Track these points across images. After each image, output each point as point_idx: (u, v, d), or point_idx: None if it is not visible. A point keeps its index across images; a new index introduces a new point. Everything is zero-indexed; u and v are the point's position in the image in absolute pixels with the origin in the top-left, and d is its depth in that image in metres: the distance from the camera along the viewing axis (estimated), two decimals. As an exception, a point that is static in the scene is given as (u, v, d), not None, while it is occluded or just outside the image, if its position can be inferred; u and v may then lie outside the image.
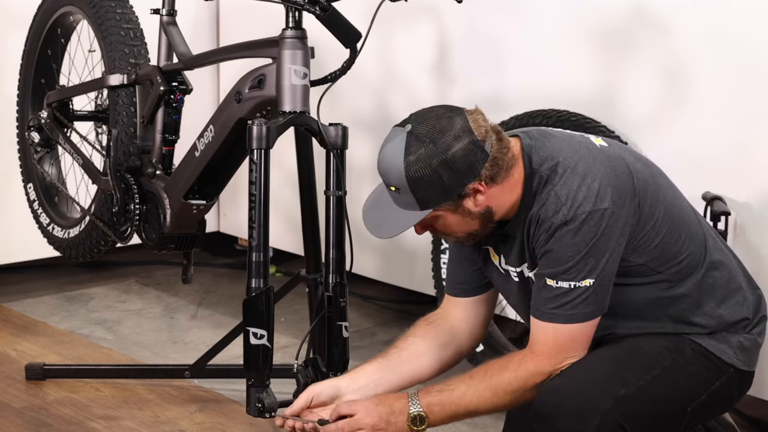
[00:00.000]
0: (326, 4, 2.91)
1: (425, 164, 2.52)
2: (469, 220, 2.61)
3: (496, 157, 2.56)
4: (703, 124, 3.44)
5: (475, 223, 2.62)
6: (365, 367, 2.78)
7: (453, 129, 2.53)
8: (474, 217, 2.60)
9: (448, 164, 2.52)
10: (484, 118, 2.59)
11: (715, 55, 3.39)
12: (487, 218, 2.62)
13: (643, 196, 2.59)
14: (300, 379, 2.87)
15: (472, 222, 2.61)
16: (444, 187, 2.54)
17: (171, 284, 4.75)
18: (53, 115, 3.73)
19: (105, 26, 3.56)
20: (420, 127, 2.54)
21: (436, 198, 2.55)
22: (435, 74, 4.05)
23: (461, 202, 2.57)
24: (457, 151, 2.52)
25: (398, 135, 2.56)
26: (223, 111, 3.14)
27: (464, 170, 2.53)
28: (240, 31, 4.32)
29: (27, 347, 4.02)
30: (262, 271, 2.89)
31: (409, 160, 2.52)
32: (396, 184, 2.56)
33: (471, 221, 2.61)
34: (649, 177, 2.65)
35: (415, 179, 2.53)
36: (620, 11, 3.58)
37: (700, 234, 2.68)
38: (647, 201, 2.60)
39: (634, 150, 2.74)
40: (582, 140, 2.65)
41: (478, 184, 2.55)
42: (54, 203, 3.92)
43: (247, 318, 2.88)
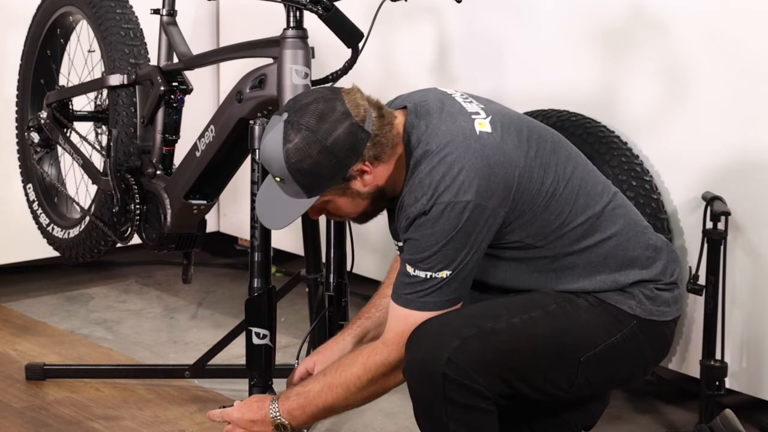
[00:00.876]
0: (329, 4, 2.91)
1: (305, 153, 2.51)
2: (360, 201, 2.61)
3: (377, 135, 2.55)
4: (703, 124, 3.44)
5: (365, 203, 2.61)
6: (353, 331, 2.83)
7: (330, 113, 2.52)
8: (364, 197, 2.60)
9: (328, 150, 2.51)
10: (362, 95, 2.57)
11: (716, 55, 3.39)
12: (378, 197, 2.61)
13: (519, 185, 2.55)
14: (300, 379, 2.87)
15: (362, 202, 2.61)
16: (327, 173, 2.53)
17: (171, 284, 4.75)
18: (53, 116, 3.73)
19: (105, 26, 3.56)
20: (296, 115, 2.53)
21: (321, 184, 2.55)
22: (435, 74, 4.05)
23: (348, 185, 2.57)
24: (336, 135, 2.51)
25: (276, 124, 2.55)
26: (224, 111, 3.15)
27: (346, 153, 2.52)
28: (240, 31, 4.32)
29: (27, 347, 4.02)
30: (264, 271, 2.89)
31: (288, 150, 2.51)
32: (279, 175, 2.56)
33: (361, 201, 2.61)
34: (537, 158, 2.59)
35: (296, 169, 2.52)
36: (620, 12, 3.58)
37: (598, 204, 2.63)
38: (528, 188, 2.56)
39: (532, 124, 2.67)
40: (463, 125, 2.58)
41: (362, 165, 2.55)
42: (54, 203, 3.92)
43: (249, 318, 2.89)
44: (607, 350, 2.61)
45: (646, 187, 3.46)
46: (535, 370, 2.58)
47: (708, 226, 3.30)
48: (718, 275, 3.29)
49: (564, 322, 2.59)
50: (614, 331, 2.61)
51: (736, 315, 3.40)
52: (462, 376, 2.50)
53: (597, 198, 2.65)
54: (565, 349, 2.59)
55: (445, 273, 2.53)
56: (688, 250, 3.48)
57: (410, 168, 2.56)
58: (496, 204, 2.53)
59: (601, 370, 2.63)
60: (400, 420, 3.50)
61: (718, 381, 3.30)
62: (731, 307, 3.39)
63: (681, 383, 3.67)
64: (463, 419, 2.52)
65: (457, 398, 2.51)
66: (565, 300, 2.61)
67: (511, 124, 2.64)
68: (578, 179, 2.64)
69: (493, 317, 2.56)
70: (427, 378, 2.51)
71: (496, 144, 2.56)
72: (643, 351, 2.66)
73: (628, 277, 2.64)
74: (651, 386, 3.69)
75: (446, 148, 2.53)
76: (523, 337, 2.56)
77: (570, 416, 2.80)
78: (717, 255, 3.29)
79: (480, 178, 2.51)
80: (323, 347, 2.86)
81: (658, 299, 2.66)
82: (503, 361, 2.54)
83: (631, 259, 2.64)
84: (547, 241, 2.61)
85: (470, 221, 2.50)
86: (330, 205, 2.63)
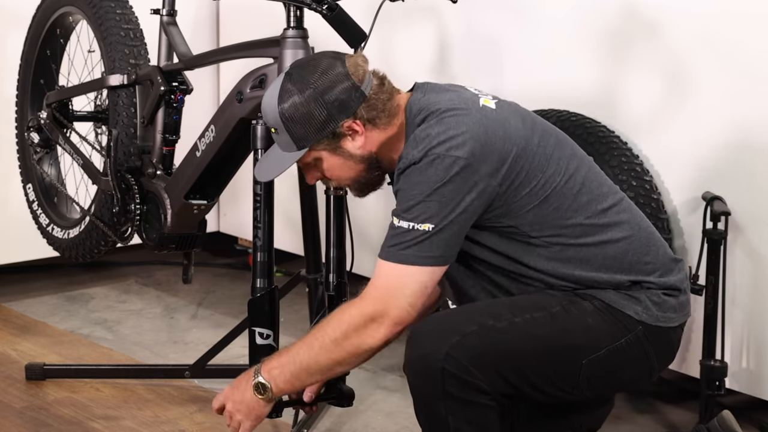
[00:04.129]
0: (333, 4, 2.91)
1: (297, 102, 2.57)
2: (352, 164, 2.62)
3: (373, 98, 2.58)
4: (703, 124, 3.44)
5: (359, 168, 2.63)
6: None
7: (328, 69, 2.58)
8: (357, 160, 2.61)
9: (319, 101, 2.56)
10: (364, 59, 2.62)
11: (715, 55, 3.39)
12: (372, 163, 2.63)
13: (515, 162, 2.54)
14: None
15: (355, 166, 2.62)
16: (317, 124, 2.57)
17: (171, 284, 4.75)
18: (53, 116, 3.73)
19: (105, 26, 3.56)
20: (296, 69, 2.61)
21: (310, 135, 2.58)
22: (435, 74, 4.05)
23: (339, 142, 2.60)
24: (330, 88, 2.56)
25: (279, 78, 2.63)
26: (225, 111, 3.15)
27: (337, 107, 2.56)
28: (240, 31, 4.32)
29: (27, 347, 4.02)
30: (267, 270, 2.89)
31: (282, 99, 2.58)
32: (273, 124, 2.62)
33: (354, 164, 2.62)
34: (540, 146, 2.59)
35: (288, 117, 2.58)
36: (620, 12, 3.58)
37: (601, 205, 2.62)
38: (524, 168, 2.55)
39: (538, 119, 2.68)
40: (469, 97, 2.62)
41: (353, 122, 2.58)
42: (53, 204, 3.92)
43: (252, 318, 2.89)
44: (610, 354, 2.60)
45: (646, 187, 3.46)
46: (536, 369, 2.58)
47: (708, 226, 3.30)
48: (718, 275, 3.30)
49: (567, 324, 2.58)
50: (619, 335, 2.60)
51: (736, 315, 3.40)
52: (461, 371, 2.49)
53: (601, 199, 2.64)
54: (567, 350, 2.59)
55: (428, 226, 2.50)
56: (688, 250, 3.48)
57: (408, 135, 2.59)
58: (487, 171, 2.52)
59: (604, 373, 2.62)
60: (400, 420, 3.51)
61: (718, 381, 3.31)
62: (731, 307, 3.39)
63: (681, 383, 3.67)
64: (463, 414, 2.52)
65: (457, 393, 2.50)
66: (571, 303, 2.60)
67: (517, 112, 2.66)
68: (581, 177, 2.63)
69: (495, 315, 2.56)
70: (426, 373, 2.51)
71: (498, 119, 2.58)
72: (648, 356, 2.65)
73: (628, 278, 2.62)
74: (651, 386, 3.69)
75: (447, 111, 2.56)
76: (524, 335, 2.55)
77: (575, 418, 2.79)
78: (717, 255, 3.29)
79: (475, 141, 2.52)
80: None
81: (665, 305, 2.64)
82: (503, 358, 2.54)
83: (631, 263, 2.63)
84: (543, 233, 2.59)
85: (458, 177, 2.50)
86: (323, 165, 2.64)
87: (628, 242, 2.64)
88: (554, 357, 2.58)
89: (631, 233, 2.65)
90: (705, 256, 3.29)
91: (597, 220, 2.62)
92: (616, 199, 2.68)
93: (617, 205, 2.67)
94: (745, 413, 3.48)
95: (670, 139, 3.51)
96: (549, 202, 2.59)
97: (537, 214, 2.58)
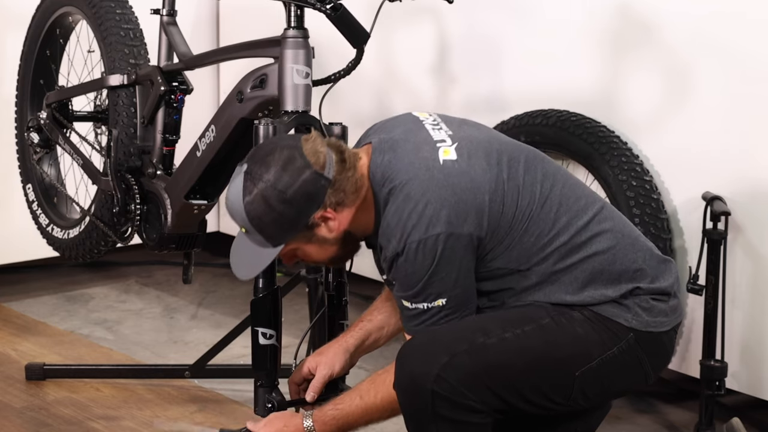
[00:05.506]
0: (337, 3, 2.90)
1: (264, 204, 2.53)
2: (328, 246, 2.62)
3: (338, 181, 2.55)
4: (703, 124, 3.44)
5: (334, 248, 2.63)
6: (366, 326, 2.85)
7: (289, 163, 2.52)
8: (331, 243, 2.61)
9: (286, 200, 2.52)
10: (321, 142, 2.57)
11: (715, 55, 3.40)
12: (347, 241, 2.63)
13: (491, 208, 2.53)
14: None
15: (331, 248, 2.63)
16: (289, 223, 2.54)
17: (171, 284, 4.75)
18: (52, 116, 3.73)
19: (104, 27, 3.56)
20: (255, 166, 2.55)
21: (284, 234, 2.57)
22: (435, 74, 4.05)
23: (313, 232, 2.58)
24: (295, 185, 2.52)
25: (238, 176, 2.57)
26: (225, 111, 3.14)
27: (306, 203, 2.53)
28: (240, 31, 4.32)
29: (27, 347, 4.02)
30: (268, 270, 2.89)
31: (248, 201, 2.54)
32: (243, 226, 2.59)
33: (330, 247, 2.62)
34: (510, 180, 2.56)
35: (257, 220, 2.54)
36: (620, 12, 3.58)
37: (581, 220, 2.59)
38: (502, 212, 2.54)
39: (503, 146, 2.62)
40: (426, 156, 2.56)
41: (323, 212, 2.55)
42: (53, 204, 3.92)
43: (255, 318, 2.88)
44: (603, 364, 2.58)
45: (646, 187, 3.46)
46: (529, 384, 2.56)
47: (708, 226, 3.30)
48: (718, 275, 3.29)
49: (558, 336, 2.56)
50: (611, 344, 2.58)
51: (736, 315, 3.40)
52: (451, 393, 2.49)
53: (580, 214, 2.61)
54: (559, 363, 2.57)
55: (441, 301, 2.53)
56: (688, 250, 3.48)
57: (379, 206, 2.57)
58: (471, 229, 2.51)
59: (598, 383, 2.61)
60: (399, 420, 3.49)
61: (718, 381, 3.31)
62: (731, 307, 3.39)
63: (681, 383, 3.67)
64: None
65: (447, 414, 2.50)
66: (560, 313, 2.58)
67: (479, 148, 2.60)
68: (557, 197, 2.60)
69: (484, 332, 2.54)
70: (416, 394, 2.50)
71: (462, 171, 2.54)
72: (641, 363, 2.63)
73: (617, 291, 2.60)
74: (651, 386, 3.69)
75: (409, 183, 2.52)
76: (515, 351, 2.54)
77: (570, 424, 2.78)
78: (717, 255, 3.29)
79: (448, 208, 2.50)
80: (325, 348, 2.86)
81: (654, 310, 2.62)
82: (495, 376, 2.52)
83: (619, 272, 2.60)
84: (531, 263, 2.58)
85: (447, 251, 2.50)
86: (299, 252, 2.64)
87: (613, 252, 2.60)
88: (547, 371, 2.56)
89: (615, 242, 2.61)
90: (705, 256, 3.29)
91: (579, 237, 2.59)
92: (596, 209, 2.64)
93: (598, 215, 2.63)
94: (745, 413, 3.48)
95: (670, 139, 3.51)
96: (529, 232, 2.57)
97: (520, 248, 2.57)
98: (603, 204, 2.67)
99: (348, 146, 2.64)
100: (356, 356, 2.85)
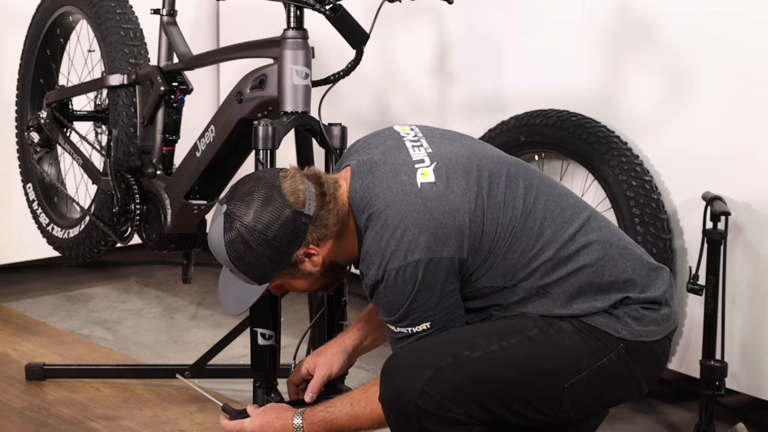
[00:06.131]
0: (337, 4, 2.90)
1: (244, 246, 2.52)
2: (314, 279, 2.62)
3: (319, 216, 2.53)
4: (703, 124, 3.44)
5: (322, 278, 2.63)
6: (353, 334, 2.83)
7: (268, 203, 2.51)
8: (317, 275, 2.60)
9: (267, 241, 2.51)
10: (301, 178, 2.55)
11: (715, 55, 3.39)
12: (334, 270, 2.62)
13: (472, 229, 2.50)
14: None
15: (318, 279, 2.62)
16: (271, 263, 2.54)
17: (171, 284, 4.75)
18: (53, 115, 3.73)
19: (105, 26, 3.56)
20: (234, 207, 2.53)
21: (268, 273, 2.56)
22: (435, 74, 4.05)
23: (298, 268, 2.57)
24: (275, 225, 2.50)
25: (218, 215, 2.56)
26: (224, 111, 3.14)
27: (287, 242, 2.52)
28: (240, 31, 4.32)
29: (27, 347, 4.02)
30: None
31: (228, 243, 2.53)
32: (226, 265, 2.58)
33: (317, 278, 2.62)
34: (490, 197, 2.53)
35: (239, 261, 2.54)
36: (620, 12, 3.58)
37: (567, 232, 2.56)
38: (483, 232, 2.52)
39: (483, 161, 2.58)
40: (404, 179, 2.53)
41: (306, 249, 2.54)
42: (53, 203, 3.92)
43: (254, 319, 2.89)
44: (592, 375, 2.55)
45: (646, 187, 3.46)
46: (517, 397, 2.53)
47: (708, 226, 3.30)
48: (718, 275, 3.29)
49: (546, 347, 2.53)
50: (601, 354, 2.55)
51: (736, 315, 3.40)
52: (436, 408, 2.48)
53: (566, 226, 2.57)
54: (547, 374, 2.54)
55: (425, 325, 2.52)
56: (688, 250, 3.48)
57: (360, 232, 2.56)
58: (450, 252, 2.49)
59: (588, 394, 2.57)
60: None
61: (718, 381, 3.31)
62: (731, 307, 3.39)
63: (681, 383, 3.67)
64: None
65: (434, 428, 2.49)
66: (549, 324, 2.55)
67: (458, 167, 2.57)
68: (540, 210, 2.57)
69: (470, 344, 2.52)
70: (401, 409, 2.50)
71: (440, 194, 2.52)
72: (633, 373, 2.60)
73: (606, 302, 2.57)
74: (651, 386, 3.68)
75: (387, 209, 2.50)
76: (502, 363, 2.51)
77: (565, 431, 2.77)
78: (717, 255, 3.29)
79: (426, 233, 2.48)
80: (323, 348, 2.85)
81: (645, 319, 2.58)
82: (482, 389, 2.50)
83: (608, 283, 2.57)
84: (516, 279, 2.55)
85: (427, 276, 2.48)
86: (288, 284, 2.64)
87: (602, 263, 2.57)
88: (535, 383, 2.54)
89: (603, 253, 2.58)
90: (705, 256, 3.29)
91: (566, 250, 2.56)
92: (582, 220, 2.60)
93: (584, 226, 2.59)
94: (745, 413, 3.49)
95: (670, 139, 3.51)
96: (513, 249, 2.54)
97: (504, 266, 2.55)
98: (590, 213, 2.63)
99: (327, 175, 2.61)
100: (354, 356, 2.85)
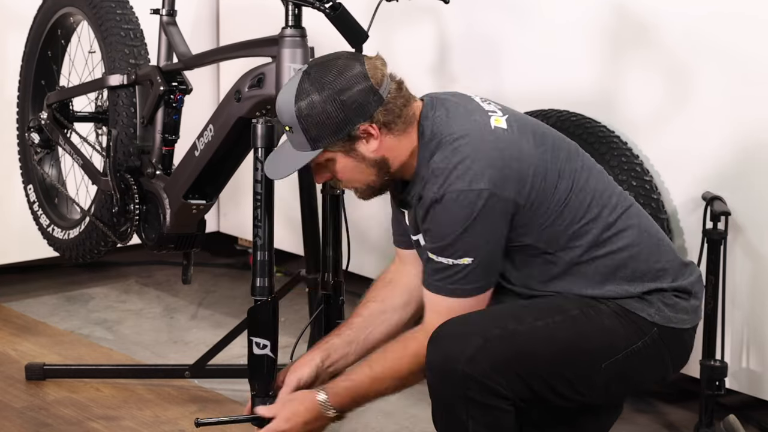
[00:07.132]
0: (337, 3, 2.90)
1: (315, 103, 2.54)
2: (364, 168, 2.61)
3: (390, 103, 2.56)
4: (703, 124, 3.44)
5: (370, 171, 2.61)
6: (333, 342, 2.81)
7: (346, 69, 2.56)
8: (369, 164, 2.60)
9: (337, 102, 2.53)
10: (383, 62, 2.61)
11: (715, 56, 3.39)
12: (383, 168, 2.61)
13: (534, 181, 2.55)
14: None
15: (367, 170, 2.61)
16: (333, 126, 2.55)
17: (171, 284, 4.75)
18: (53, 116, 3.73)
19: (105, 27, 3.57)
20: (315, 68, 2.58)
21: (326, 136, 2.56)
22: (435, 74, 4.05)
23: (353, 145, 2.58)
24: (349, 90, 2.54)
25: (296, 76, 2.60)
26: (223, 110, 3.15)
27: (355, 110, 2.54)
28: (240, 31, 4.31)
29: (27, 347, 4.02)
30: (267, 270, 2.88)
31: (300, 98, 2.55)
32: (288, 123, 2.59)
33: (366, 169, 2.61)
34: (552, 162, 2.60)
35: (304, 117, 2.55)
36: (620, 12, 3.58)
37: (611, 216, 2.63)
38: (540, 186, 2.56)
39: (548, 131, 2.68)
40: (479, 119, 2.60)
41: (369, 125, 2.56)
42: (54, 204, 3.92)
43: (251, 328, 2.88)
44: (628, 357, 2.61)
45: (646, 187, 3.46)
46: (557, 373, 2.58)
47: (708, 226, 3.30)
48: (718, 275, 3.29)
49: (587, 328, 2.58)
50: (636, 338, 2.61)
51: (736, 315, 3.40)
52: (483, 376, 2.50)
53: (611, 209, 2.64)
54: (586, 354, 2.59)
55: (467, 260, 2.54)
56: (688, 250, 3.48)
57: (423, 158, 2.57)
58: (511, 194, 2.53)
59: (622, 376, 2.63)
60: (399, 420, 3.50)
61: (718, 381, 3.31)
62: (731, 307, 3.39)
63: (681, 383, 3.67)
64: (483, 419, 2.52)
65: (478, 398, 2.50)
66: (588, 305, 2.61)
67: (528, 126, 2.65)
68: (591, 189, 2.63)
69: (516, 319, 2.56)
70: (448, 376, 2.51)
71: (512, 140, 2.58)
72: (663, 359, 2.66)
73: (639, 288, 2.63)
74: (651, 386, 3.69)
75: (460, 139, 2.54)
76: (546, 340, 2.56)
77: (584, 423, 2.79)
78: (717, 255, 3.29)
79: (494, 169, 2.51)
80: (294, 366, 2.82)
81: (677, 306, 2.65)
82: (525, 363, 2.54)
83: (643, 270, 2.64)
84: (558, 248, 2.60)
85: (485, 209, 2.50)
86: (334, 166, 2.62)
87: (638, 249, 2.64)
88: (575, 362, 2.59)
89: (640, 240, 2.65)
90: (705, 256, 3.29)
91: (608, 231, 2.62)
92: (625, 206, 2.67)
93: (626, 212, 2.66)
94: (745, 413, 3.48)
95: (670, 139, 3.51)
96: (563, 216, 2.59)
97: (551, 231, 2.59)
98: (632, 202, 2.71)
99: None
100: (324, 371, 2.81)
